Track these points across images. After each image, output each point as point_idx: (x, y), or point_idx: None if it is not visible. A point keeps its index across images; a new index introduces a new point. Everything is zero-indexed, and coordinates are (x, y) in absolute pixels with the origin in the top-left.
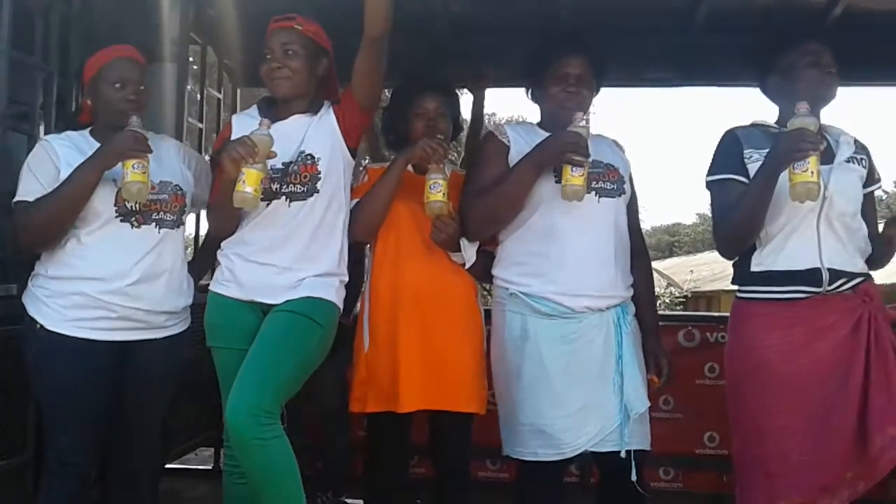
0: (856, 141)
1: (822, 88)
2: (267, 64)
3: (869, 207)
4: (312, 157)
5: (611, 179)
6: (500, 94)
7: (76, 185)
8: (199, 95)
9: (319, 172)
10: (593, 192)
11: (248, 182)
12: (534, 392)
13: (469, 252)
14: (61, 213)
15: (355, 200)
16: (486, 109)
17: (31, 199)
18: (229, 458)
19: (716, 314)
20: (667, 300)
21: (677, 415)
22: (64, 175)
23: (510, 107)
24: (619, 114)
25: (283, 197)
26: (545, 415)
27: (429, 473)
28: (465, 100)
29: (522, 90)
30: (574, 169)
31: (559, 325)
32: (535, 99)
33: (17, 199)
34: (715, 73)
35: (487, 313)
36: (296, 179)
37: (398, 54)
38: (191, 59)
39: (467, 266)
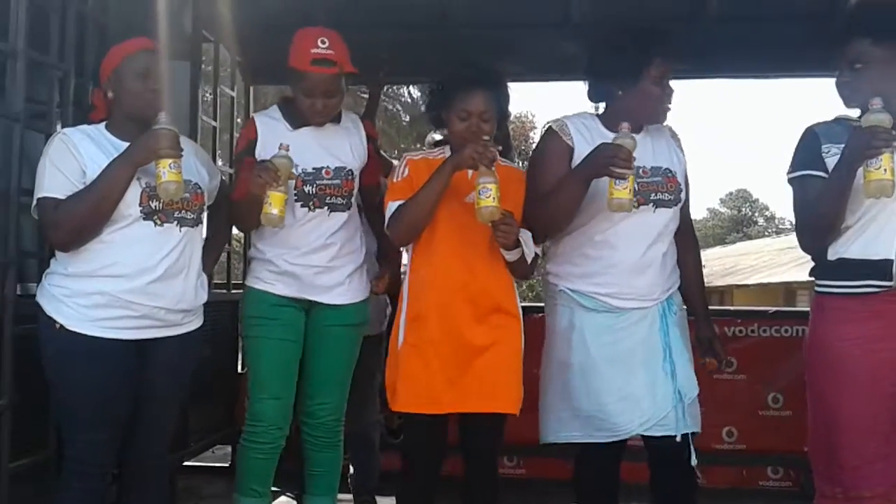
0: None
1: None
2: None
3: None
4: (352, 174)
5: (669, 189)
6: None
7: (111, 183)
8: (212, 94)
9: (354, 188)
10: (651, 205)
11: (274, 205)
12: (586, 379)
13: (530, 246)
14: (97, 211)
15: (399, 202)
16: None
17: (58, 195)
18: (259, 435)
19: (732, 308)
20: None
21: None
22: (90, 172)
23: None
24: None
25: (326, 208)
26: (597, 400)
27: (453, 472)
28: None
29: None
30: (618, 182)
31: (603, 317)
32: (603, 97)
33: (43, 194)
34: (729, 64)
35: (524, 310)
36: (337, 192)
37: (414, 51)
38: (203, 57)
39: (529, 259)
